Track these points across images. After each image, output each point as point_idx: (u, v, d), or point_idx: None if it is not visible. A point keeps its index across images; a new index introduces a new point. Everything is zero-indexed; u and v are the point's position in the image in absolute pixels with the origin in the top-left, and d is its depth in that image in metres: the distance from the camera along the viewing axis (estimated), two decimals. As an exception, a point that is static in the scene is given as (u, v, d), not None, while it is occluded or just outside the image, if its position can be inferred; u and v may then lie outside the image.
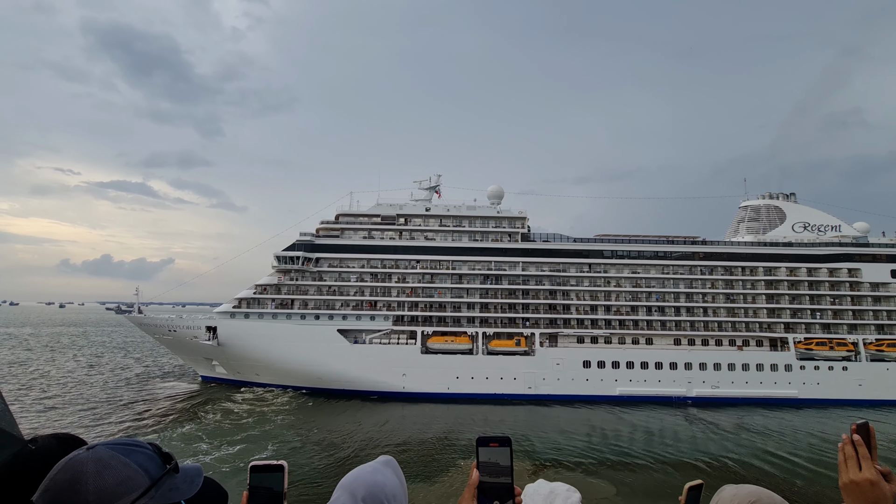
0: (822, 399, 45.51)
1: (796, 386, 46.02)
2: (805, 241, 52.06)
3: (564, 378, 45.36)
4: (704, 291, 49.07)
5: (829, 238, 52.44)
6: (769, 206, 55.62)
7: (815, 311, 48.82)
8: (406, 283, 48.68)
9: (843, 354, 47.22)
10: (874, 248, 50.79)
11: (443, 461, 27.84)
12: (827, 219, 54.01)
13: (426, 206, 51.61)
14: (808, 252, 50.27)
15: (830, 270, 49.69)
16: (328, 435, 32.46)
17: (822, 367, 46.53)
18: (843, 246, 50.90)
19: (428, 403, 42.77)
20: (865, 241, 52.28)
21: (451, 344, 46.39)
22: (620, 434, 35.38)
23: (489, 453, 1.43)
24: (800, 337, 47.74)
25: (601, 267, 49.68)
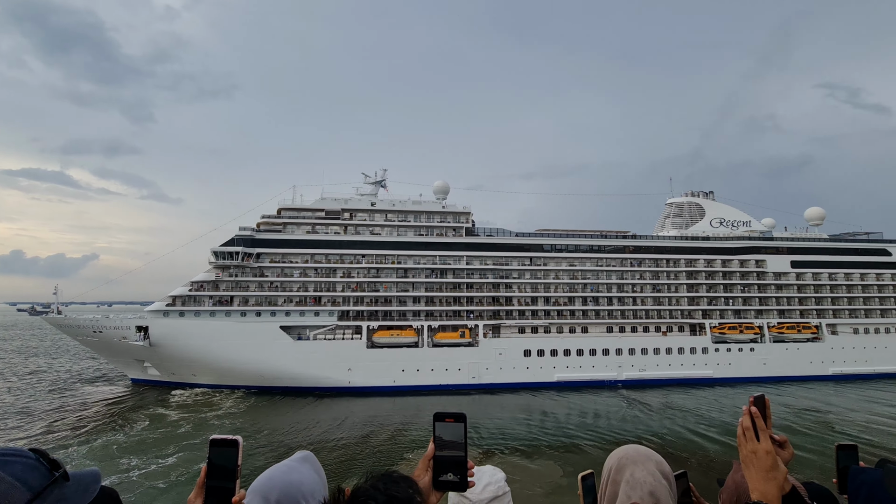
0: (734, 377, 50.62)
1: (711, 367, 50.84)
2: (721, 235, 57.37)
3: (507, 367, 47.33)
4: (634, 282, 52.86)
5: (740, 233, 58.10)
6: (691, 204, 60.65)
7: (727, 299, 54.04)
8: (351, 277, 48.53)
9: (751, 337, 52.69)
10: (777, 242, 56.89)
11: (391, 453, 28.29)
12: (739, 215, 59.74)
13: (372, 201, 51.55)
14: (723, 245, 55.46)
15: (741, 262, 55.15)
16: (277, 435, 31.74)
17: (734, 349, 51.69)
18: (752, 240, 56.63)
19: (374, 397, 43.21)
20: (771, 235, 58.44)
21: (397, 338, 46.94)
22: (560, 417, 37.55)
23: (445, 428, 1.49)
24: (715, 322, 52.67)
25: (541, 260, 52.06)
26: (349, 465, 25.89)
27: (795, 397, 44.08)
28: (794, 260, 55.82)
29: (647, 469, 1.71)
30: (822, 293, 55.55)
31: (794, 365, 51.96)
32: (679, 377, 49.85)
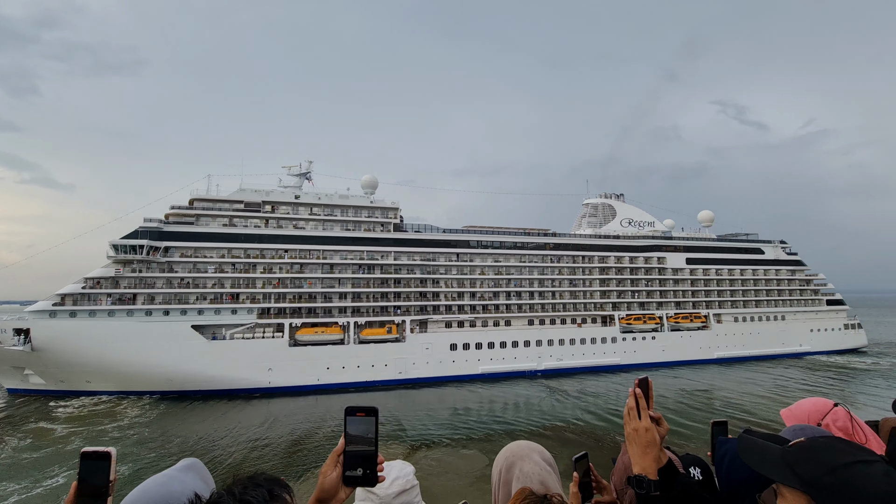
0: (638, 363, 55.71)
1: (619, 354, 55.56)
2: (629, 234, 62.71)
3: (433, 361, 48.10)
4: (553, 277, 56.11)
5: (645, 232, 63.94)
6: (604, 205, 65.58)
7: (634, 293, 59.28)
8: (273, 273, 46.39)
9: (653, 327, 58.32)
10: (676, 241, 63.38)
11: (314, 453, 27.58)
12: (645, 216, 65.69)
13: (296, 194, 49.57)
14: (631, 244, 60.70)
15: (646, 259, 60.72)
16: (191, 444, 29.51)
17: (638, 338, 56.88)
18: (655, 239, 62.56)
19: (297, 397, 41.83)
20: (670, 235, 64.94)
21: (322, 335, 45.76)
22: (484, 408, 38.90)
23: (356, 423, 1.47)
24: (623, 314, 57.58)
25: (468, 256, 53.45)
26: (270, 469, 24.92)
27: (688, 379, 49.54)
28: (689, 257, 62.58)
29: (532, 461, 1.77)
30: (711, 287, 62.90)
31: (687, 350, 58.39)
32: (592, 365, 53.88)
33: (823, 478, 1.21)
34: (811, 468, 1.24)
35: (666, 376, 51.15)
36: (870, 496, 1.13)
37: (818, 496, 1.20)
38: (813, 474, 1.23)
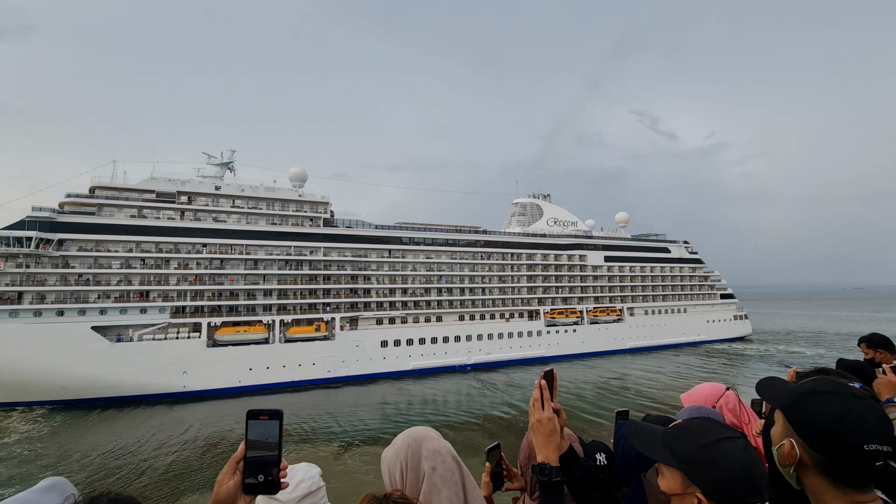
0: (561, 355, 59.12)
1: (544, 347, 58.59)
2: (555, 233, 66.19)
3: (363, 359, 47.60)
4: (483, 274, 57.78)
5: (569, 231, 67.86)
6: (532, 204, 68.62)
7: (557, 288, 62.72)
8: (189, 269, 43.23)
9: (574, 321, 62.14)
10: (595, 240, 67.91)
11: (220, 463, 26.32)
12: (569, 216, 69.69)
13: (216, 185, 46.50)
14: (555, 242, 64.12)
15: (569, 256, 64.47)
16: (92, 458, 26.70)
17: (561, 331, 60.34)
18: (577, 238, 66.60)
19: (216, 400, 39.46)
20: (591, 234, 69.45)
21: (244, 334, 43.50)
22: (416, 403, 39.22)
23: (258, 427, 1.40)
24: (548, 308, 60.73)
25: (400, 252, 53.40)
26: (176, 483, 23.28)
27: (604, 369, 53.45)
28: (607, 255, 67.38)
29: (433, 437, 1.79)
30: (625, 283, 68.22)
31: (604, 342, 62.93)
32: (519, 358, 56.30)
33: (694, 454, 1.37)
34: (684, 446, 1.41)
35: (585, 367, 54.83)
36: (730, 467, 1.31)
37: (690, 471, 1.36)
38: (685, 452, 1.39)
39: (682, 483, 1.38)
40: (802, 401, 1.43)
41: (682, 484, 1.38)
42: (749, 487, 1.29)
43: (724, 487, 1.30)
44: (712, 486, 1.31)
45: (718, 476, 1.31)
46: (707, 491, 1.31)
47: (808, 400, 1.42)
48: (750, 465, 1.32)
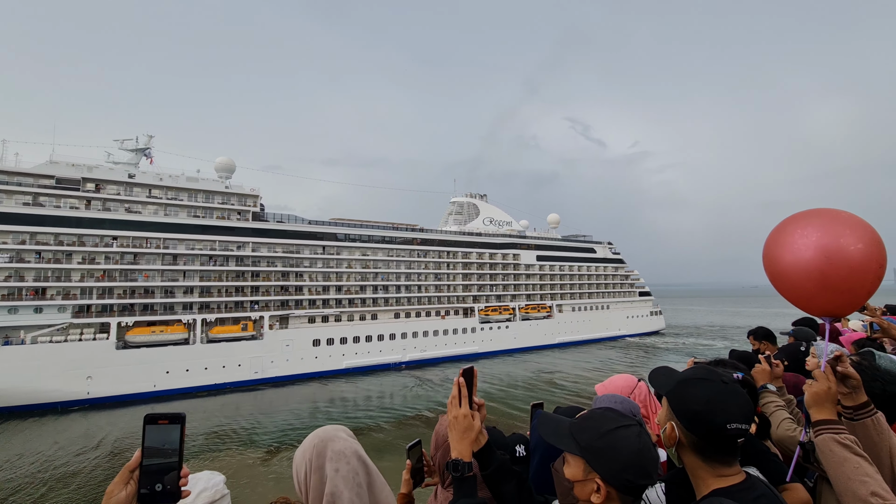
0: (494, 351, 60.92)
1: (478, 343, 60.07)
2: (490, 232, 67.99)
3: (294, 358, 46.02)
4: (420, 272, 58.02)
5: (504, 231, 70.05)
6: (469, 203, 69.97)
7: (492, 286, 64.54)
8: (96, 264, 39.32)
9: (507, 317, 64.31)
10: (528, 240, 70.69)
11: None
12: (504, 216, 71.91)
13: (130, 172, 42.64)
14: (491, 241, 65.92)
15: (503, 255, 66.54)
16: None
17: (495, 328, 62.17)
18: (511, 237, 68.94)
19: (128, 407, 36.28)
20: (524, 234, 72.16)
21: (161, 335, 40.36)
22: (349, 402, 38.51)
23: (157, 432, 1.30)
24: (482, 306, 62.31)
25: (334, 249, 52.18)
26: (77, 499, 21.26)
27: (534, 362, 55.89)
28: (539, 254, 70.39)
29: (342, 438, 1.76)
30: (555, 281, 71.68)
31: (535, 337, 65.76)
32: (453, 354, 57.26)
33: (594, 442, 1.45)
34: (586, 435, 1.49)
35: (516, 361, 57.01)
36: (625, 453, 1.41)
37: (591, 458, 1.45)
38: (587, 440, 1.47)
39: (584, 470, 1.46)
40: (681, 387, 1.60)
41: (584, 470, 1.46)
42: (640, 471, 1.40)
43: (619, 472, 1.40)
44: (609, 471, 1.41)
45: (615, 462, 1.41)
46: (605, 476, 1.41)
47: (684, 386, 1.59)
48: (642, 451, 1.43)
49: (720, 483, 1.49)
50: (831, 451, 1.71)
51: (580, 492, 1.47)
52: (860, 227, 1.95)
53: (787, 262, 2.08)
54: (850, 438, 1.72)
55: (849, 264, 1.92)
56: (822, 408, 1.84)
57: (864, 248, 1.91)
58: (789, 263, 2.07)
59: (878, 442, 1.84)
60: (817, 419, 1.83)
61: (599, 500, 1.42)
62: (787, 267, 2.09)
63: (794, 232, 2.07)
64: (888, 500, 1.53)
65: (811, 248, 1.98)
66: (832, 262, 1.94)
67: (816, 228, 2.01)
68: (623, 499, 1.43)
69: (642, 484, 1.41)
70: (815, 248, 1.98)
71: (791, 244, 2.06)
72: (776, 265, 2.14)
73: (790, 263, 2.06)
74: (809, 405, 1.88)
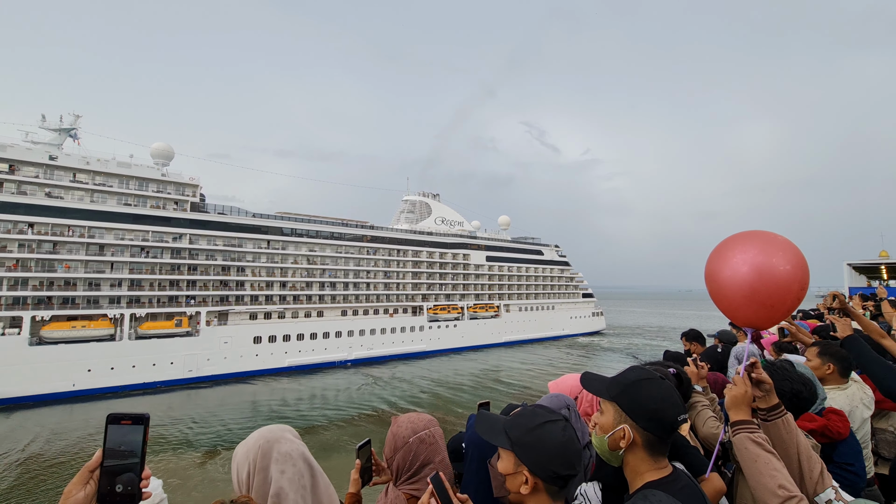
0: (442, 349, 61.43)
1: (426, 342, 60.33)
2: (441, 231, 68.46)
3: (232, 356, 44.22)
4: (369, 269, 57.48)
5: (455, 230, 70.75)
6: (421, 202, 70.09)
7: (441, 285, 65.04)
8: (8, 253, 35.96)
9: (455, 316, 65.03)
10: (479, 240, 71.83)
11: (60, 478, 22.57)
12: (456, 216, 72.62)
13: (52, 154, 39.28)
14: (441, 241, 66.38)
15: (453, 255, 67.22)
16: None
17: (443, 326, 62.68)
18: (462, 237, 69.78)
19: (41, 408, 33.47)
20: (475, 234, 73.25)
21: (83, 330, 37.52)
22: (292, 402, 37.39)
23: (119, 432, 1.29)
24: (431, 304, 62.64)
25: (280, 244, 50.63)
26: None
27: (482, 361, 56.85)
28: (489, 255, 71.70)
29: (287, 440, 1.75)
30: (504, 281, 73.30)
31: (482, 336, 66.94)
32: (401, 352, 57.18)
33: (523, 437, 1.55)
34: (516, 431, 1.57)
35: (465, 359, 57.81)
36: (550, 444, 1.51)
37: (520, 452, 1.53)
38: (517, 435, 1.56)
39: (515, 463, 1.54)
40: (633, 389, 1.67)
41: (515, 464, 1.54)
42: (564, 462, 1.50)
43: (544, 464, 1.49)
44: (536, 463, 1.50)
45: (541, 454, 1.50)
46: (532, 468, 1.50)
47: (636, 388, 1.67)
48: (566, 443, 1.52)
49: (654, 476, 1.62)
50: (746, 449, 1.85)
51: (511, 484, 1.56)
52: (790, 250, 2.10)
53: (724, 276, 2.22)
54: (762, 437, 1.86)
55: (776, 282, 2.08)
56: (739, 409, 1.98)
57: (791, 270, 2.07)
58: (726, 277, 2.20)
59: (787, 440, 2.00)
60: (735, 419, 1.97)
61: (527, 490, 1.51)
62: (723, 279, 2.22)
63: (735, 248, 2.22)
64: (792, 491, 1.68)
65: (747, 264, 2.13)
66: (762, 279, 2.09)
67: (754, 247, 2.16)
68: (549, 489, 1.52)
69: (566, 474, 1.51)
70: (750, 265, 2.12)
71: (730, 259, 2.20)
72: (714, 277, 2.28)
73: (727, 277, 2.20)
74: (728, 407, 2.02)
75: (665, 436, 1.64)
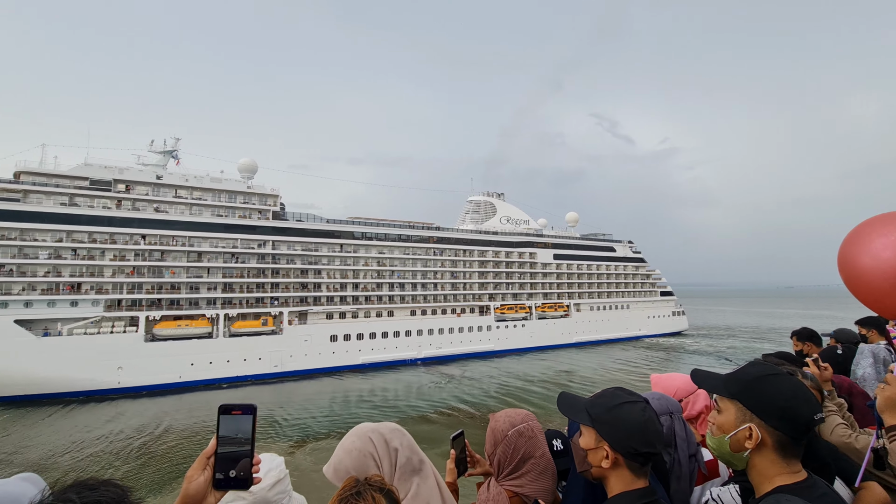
0: (510, 349, 60.99)
1: (493, 341, 60.23)
2: (507, 230, 68.02)
3: (312, 353, 47.33)
4: (436, 269, 58.63)
5: (521, 229, 69.92)
6: (486, 202, 70.14)
7: (508, 284, 64.56)
8: (126, 261, 41.47)
9: (523, 316, 64.21)
10: (545, 238, 70.34)
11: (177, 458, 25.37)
12: (521, 215, 71.77)
13: (158, 174, 44.72)
14: (507, 240, 65.95)
15: (519, 254, 66.47)
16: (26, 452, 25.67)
17: (510, 326, 62.20)
18: (528, 236, 68.76)
19: (155, 397, 38.18)
20: (541, 232, 71.84)
21: (186, 328, 42.24)
22: (365, 397, 39.18)
23: (231, 422, 1.39)
24: (498, 304, 62.43)
25: (352, 247, 53.34)
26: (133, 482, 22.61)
27: (553, 361, 55.62)
28: (556, 253, 69.96)
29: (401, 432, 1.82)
30: (573, 279, 71.09)
31: (552, 336, 65.44)
32: (468, 352, 57.64)
33: (603, 415, 1.66)
34: (596, 409, 1.69)
35: (534, 359, 56.94)
36: (630, 422, 1.61)
37: (600, 428, 1.65)
38: (597, 413, 1.68)
39: (596, 439, 1.66)
40: (758, 385, 1.57)
41: (596, 439, 1.66)
42: (643, 440, 1.59)
43: (623, 440, 1.60)
44: (615, 439, 1.61)
45: (620, 431, 1.61)
46: (612, 444, 1.61)
47: (762, 384, 1.57)
48: (645, 423, 1.61)
49: (786, 480, 1.49)
50: None
51: (593, 458, 1.66)
52: None
53: (864, 264, 2.06)
54: None
55: None
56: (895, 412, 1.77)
57: None
58: (867, 264, 2.04)
59: None
60: (891, 424, 1.80)
61: (608, 464, 1.62)
62: (863, 267, 2.06)
63: (873, 233, 2.04)
64: None
65: (890, 248, 1.95)
66: None
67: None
68: (630, 465, 1.62)
69: (645, 451, 1.60)
70: (894, 249, 1.94)
71: (869, 245, 2.03)
72: (852, 266, 2.11)
73: (867, 264, 2.04)
74: (882, 409, 1.84)
75: (799, 436, 1.51)
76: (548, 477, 2.06)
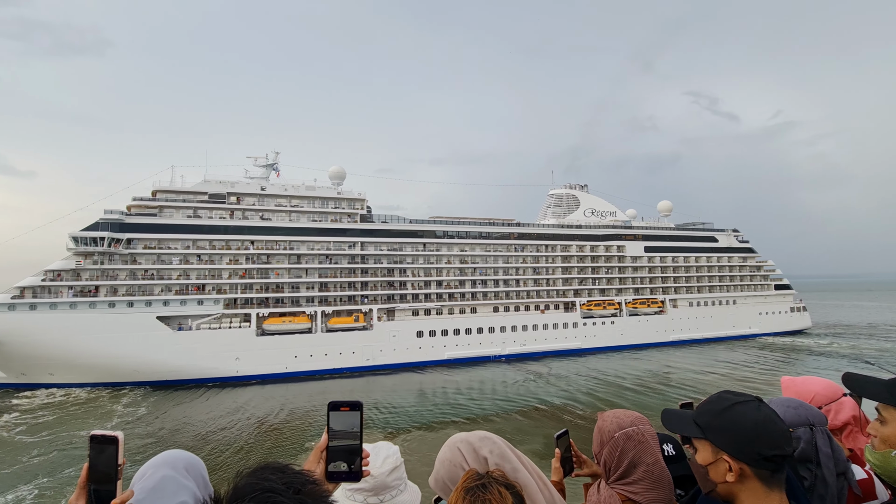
0: (598, 347, 58.42)
1: (580, 339, 58.08)
2: (591, 223, 65.08)
3: (400, 348, 49.56)
4: (517, 266, 58.04)
5: (607, 221, 66.46)
6: (568, 195, 67.75)
7: (594, 280, 61.79)
8: (239, 264, 46.84)
9: (612, 312, 61.01)
10: (635, 230, 66.10)
11: (291, 442, 28.02)
12: (607, 206, 68.20)
13: (262, 185, 49.87)
14: (592, 233, 63.09)
15: (606, 247, 63.24)
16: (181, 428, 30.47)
17: (598, 323, 59.49)
18: (615, 228, 65.13)
19: (265, 385, 42.70)
20: (630, 224, 67.61)
21: (289, 324, 46.62)
22: (450, 392, 40.09)
23: (339, 418, 1.44)
24: (584, 300, 60.05)
25: (434, 246, 54.81)
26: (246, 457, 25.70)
27: (648, 361, 52.23)
28: (647, 245, 65.40)
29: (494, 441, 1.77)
30: (667, 273, 65.97)
31: (645, 334, 61.39)
32: (554, 349, 56.25)
33: (712, 421, 1.48)
34: (704, 417, 1.51)
35: (625, 358, 53.92)
36: (745, 423, 1.41)
37: (714, 438, 1.45)
38: (706, 421, 1.50)
39: (712, 451, 1.47)
40: None
41: (713, 452, 1.47)
42: (767, 442, 1.37)
43: (744, 445, 1.39)
44: (734, 446, 1.40)
45: (737, 436, 1.40)
46: (731, 452, 1.40)
47: None
48: (763, 422, 1.40)
49: None
50: None
51: (714, 474, 1.47)
52: None
53: None
54: None
55: None
56: None
57: None
58: None
59: None
60: None
61: (733, 478, 1.40)
62: None
63: None
64: None
65: None
66: None
67: None
68: (759, 474, 1.39)
69: (772, 455, 1.37)
70: None
71: None
72: None
73: None
74: None
75: None
76: (664, 486, 1.91)
